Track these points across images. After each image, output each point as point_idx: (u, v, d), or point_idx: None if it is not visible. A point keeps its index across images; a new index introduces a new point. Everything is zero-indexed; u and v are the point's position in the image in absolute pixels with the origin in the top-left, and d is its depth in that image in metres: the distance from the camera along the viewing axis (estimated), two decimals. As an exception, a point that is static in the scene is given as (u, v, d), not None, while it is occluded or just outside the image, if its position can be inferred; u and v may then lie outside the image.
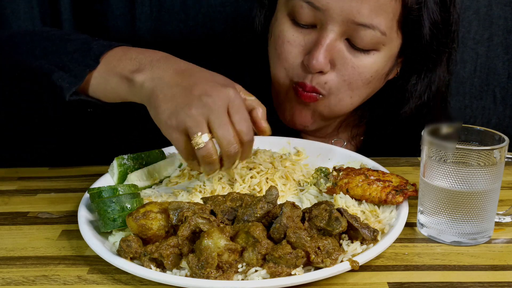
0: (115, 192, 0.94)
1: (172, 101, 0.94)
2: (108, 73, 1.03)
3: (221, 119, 0.92)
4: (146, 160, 1.11)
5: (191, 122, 0.91)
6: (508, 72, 1.74)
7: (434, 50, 1.20)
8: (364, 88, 1.19)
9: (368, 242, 0.86)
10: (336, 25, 1.11)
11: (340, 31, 1.12)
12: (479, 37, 1.71)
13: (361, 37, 1.12)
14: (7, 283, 0.83)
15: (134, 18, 1.60)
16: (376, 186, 0.98)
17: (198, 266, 0.79)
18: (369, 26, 1.10)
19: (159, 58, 1.01)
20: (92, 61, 1.04)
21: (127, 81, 1.01)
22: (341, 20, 1.10)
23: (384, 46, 1.15)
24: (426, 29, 1.16)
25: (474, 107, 1.78)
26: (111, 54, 1.05)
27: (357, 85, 1.17)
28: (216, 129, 0.92)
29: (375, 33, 1.11)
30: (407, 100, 1.26)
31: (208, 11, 1.61)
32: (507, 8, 1.68)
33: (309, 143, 1.21)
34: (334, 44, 1.13)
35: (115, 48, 1.05)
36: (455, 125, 0.96)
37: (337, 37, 1.13)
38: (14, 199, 1.10)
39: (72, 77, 1.03)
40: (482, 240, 0.93)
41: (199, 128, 0.91)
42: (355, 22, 1.10)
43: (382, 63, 1.17)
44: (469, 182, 0.88)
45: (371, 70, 1.16)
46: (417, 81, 1.24)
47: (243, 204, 0.88)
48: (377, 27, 1.11)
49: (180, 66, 1.00)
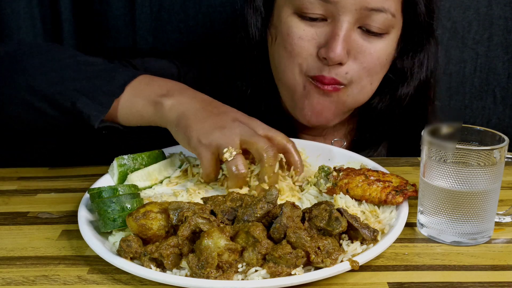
0: (115, 192, 0.94)
1: (205, 122, 1.00)
2: (135, 97, 1.06)
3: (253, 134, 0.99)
4: (146, 161, 1.11)
5: (224, 139, 0.98)
6: (508, 72, 1.74)
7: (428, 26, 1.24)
8: (382, 72, 1.23)
9: (368, 242, 0.86)
10: (349, 15, 1.13)
11: (353, 20, 1.14)
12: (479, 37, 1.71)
13: (374, 22, 1.14)
14: (7, 283, 0.83)
15: (134, 18, 1.60)
16: (376, 186, 0.98)
17: (198, 266, 0.79)
18: (382, 10, 1.13)
19: (185, 88, 1.08)
20: (117, 88, 1.06)
21: (155, 104, 1.05)
22: (354, 9, 1.12)
23: (393, 28, 1.18)
24: (421, 6, 1.20)
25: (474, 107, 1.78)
26: (137, 81, 1.08)
27: (376, 70, 1.20)
28: (249, 139, 0.98)
29: (387, 16, 1.14)
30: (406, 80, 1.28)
31: (208, 11, 1.61)
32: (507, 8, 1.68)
33: (309, 143, 1.21)
34: (349, 34, 1.14)
35: (140, 76, 1.09)
36: (455, 125, 0.96)
37: (351, 27, 1.14)
38: (14, 199, 1.10)
39: (98, 105, 1.05)
40: (482, 240, 0.93)
41: (231, 144, 0.98)
42: (368, 8, 1.12)
43: (393, 45, 1.21)
44: (469, 182, 0.88)
45: (386, 53, 1.20)
46: (413, 59, 1.27)
47: (243, 204, 0.88)
48: (388, 10, 1.14)
49: (206, 97, 1.07)
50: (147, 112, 1.06)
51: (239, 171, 0.98)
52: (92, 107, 1.04)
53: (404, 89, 1.28)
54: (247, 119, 1.03)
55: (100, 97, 1.05)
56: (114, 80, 1.07)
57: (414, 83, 1.28)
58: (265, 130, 1.03)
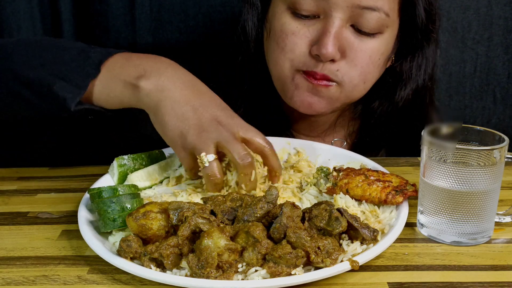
0: (115, 193, 0.94)
1: (182, 121, 0.97)
2: (112, 80, 1.03)
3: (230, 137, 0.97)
4: (146, 161, 1.11)
5: (200, 143, 0.96)
6: (508, 72, 1.74)
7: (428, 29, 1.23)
8: (376, 72, 1.21)
9: (368, 242, 0.86)
10: (341, 12, 1.12)
11: (345, 17, 1.13)
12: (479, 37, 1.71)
13: (367, 21, 1.13)
14: (7, 283, 0.83)
15: (134, 18, 1.60)
16: (376, 186, 0.98)
17: (198, 266, 0.79)
18: (374, 9, 1.12)
19: (165, 66, 1.03)
20: (92, 69, 1.03)
21: (132, 87, 1.01)
22: (345, 6, 1.12)
23: (387, 28, 1.17)
24: (421, 10, 1.19)
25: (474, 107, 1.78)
26: (112, 61, 1.04)
27: (369, 69, 1.19)
28: (226, 145, 0.96)
29: (380, 15, 1.13)
30: (404, 83, 1.28)
31: (208, 11, 1.61)
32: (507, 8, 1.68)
33: (309, 143, 1.21)
34: (341, 31, 1.14)
35: (115, 55, 1.05)
36: (455, 125, 0.96)
37: (343, 24, 1.14)
38: (14, 199, 1.10)
39: (74, 87, 1.02)
40: (482, 240, 0.93)
41: (205, 150, 0.96)
42: (360, 6, 1.12)
43: (387, 45, 1.20)
44: (469, 182, 0.88)
45: (379, 52, 1.18)
46: (411, 62, 1.27)
47: (243, 204, 0.88)
48: (382, 9, 1.13)
49: (187, 79, 1.02)
50: (126, 97, 1.03)
51: (214, 177, 0.97)
52: (68, 90, 1.02)
53: (402, 92, 1.28)
54: (226, 117, 0.99)
55: (76, 79, 1.03)
56: (89, 59, 1.05)
57: (412, 86, 1.28)
58: (243, 131, 1.00)
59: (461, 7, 1.68)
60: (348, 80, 1.18)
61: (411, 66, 1.27)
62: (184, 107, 0.98)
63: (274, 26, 1.21)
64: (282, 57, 1.19)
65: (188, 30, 1.63)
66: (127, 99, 1.03)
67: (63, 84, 1.02)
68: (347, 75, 1.18)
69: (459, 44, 1.72)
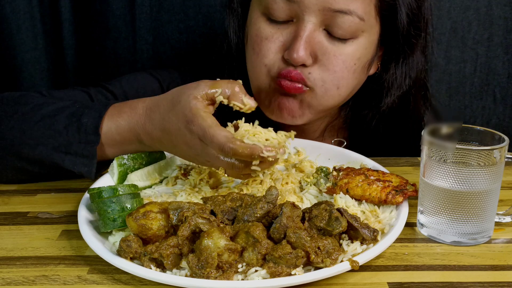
0: (115, 192, 0.94)
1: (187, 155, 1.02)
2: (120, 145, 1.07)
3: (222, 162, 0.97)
4: (146, 160, 1.11)
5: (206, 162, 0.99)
6: (508, 72, 1.74)
7: (411, 36, 1.19)
8: (350, 77, 1.17)
9: (368, 242, 0.86)
10: (313, 15, 1.10)
11: (318, 21, 1.11)
12: (479, 37, 1.71)
13: (340, 25, 1.10)
14: (7, 283, 0.83)
15: (134, 18, 1.61)
16: (376, 186, 0.98)
17: (198, 266, 0.79)
18: (347, 12, 1.09)
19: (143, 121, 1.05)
20: (92, 136, 1.05)
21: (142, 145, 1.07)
22: (317, 9, 1.10)
23: (363, 32, 1.14)
24: (403, 15, 1.16)
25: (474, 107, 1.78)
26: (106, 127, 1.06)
27: (343, 74, 1.15)
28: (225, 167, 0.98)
29: (353, 19, 1.10)
30: (388, 91, 1.25)
31: (208, 11, 1.61)
32: (507, 8, 1.68)
33: (309, 143, 1.21)
34: (313, 35, 1.12)
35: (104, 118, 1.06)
36: (455, 125, 0.96)
37: (315, 28, 1.11)
38: (14, 199, 1.10)
39: (84, 159, 1.05)
40: (482, 240, 0.93)
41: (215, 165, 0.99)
42: (331, 9, 1.09)
43: (363, 50, 1.16)
44: (469, 182, 0.88)
45: (354, 58, 1.15)
46: (396, 69, 1.24)
47: (243, 204, 0.88)
48: (355, 13, 1.10)
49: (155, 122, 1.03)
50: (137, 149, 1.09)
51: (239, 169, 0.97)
52: (79, 164, 1.05)
53: (387, 100, 1.25)
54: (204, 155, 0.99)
55: (81, 150, 1.05)
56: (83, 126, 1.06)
57: (397, 93, 1.25)
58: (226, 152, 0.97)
59: (461, 7, 1.69)
60: (320, 84, 1.15)
61: (395, 73, 1.24)
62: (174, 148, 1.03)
63: (250, 32, 1.19)
64: (258, 62, 1.18)
65: (188, 30, 1.63)
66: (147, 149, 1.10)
67: (72, 159, 1.05)
68: (319, 79, 1.14)
69: (459, 44, 1.72)
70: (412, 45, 1.21)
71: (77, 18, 1.60)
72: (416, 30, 1.20)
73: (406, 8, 1.16)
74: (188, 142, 0.98)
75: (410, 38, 1.20)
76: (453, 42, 1.72)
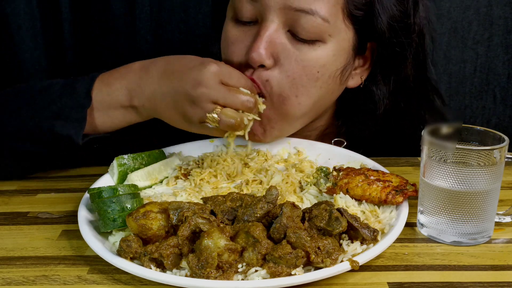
0: (115, 192, 0.94)
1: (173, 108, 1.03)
2: (108, 110, 1.08)
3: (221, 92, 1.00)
4: (146, 160, 1.11)
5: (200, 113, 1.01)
6: (508, 72, 1.74)
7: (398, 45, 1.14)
8: (311, 86, 1.10)
9: (368, 242, 0.86)
10: (275, 15, 1.07)
11: (280, 21, 1.07)
12: (479, 37, 1.71)
13: (302, 25, 1.06)
14: (7, 283, 0.83)
15: (134, 18, 1.61)
16: (376, 186, 0.98)
17: (198, 266, 0.79)
18: (309, 12, 1.05)
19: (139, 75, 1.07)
20: (84, 99, 1.06)
21: (131, 109, 1.08)
22: (278, 8, 1.06)
23: (330, 37, 1.08)
24: (383, 24, 1.10)
25: (474, 107, 1.78)
26: (96, 90, 1.08)
27: (302, 81, 1.09)
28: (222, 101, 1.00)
29: (315, 19, 1.06)
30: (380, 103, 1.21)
31: (208, 11, 1.61)
32: (507, 8, 1.68)
33: (309, 143, 1.21)
34: (275, 35, 1.08)
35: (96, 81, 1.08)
36: (455, 125, 0.96)
37: (278, 28, 1.08)
38: (14, 199, 1.10)
39: (74, 122, 1.05)
40: (482, 240, 0.93)
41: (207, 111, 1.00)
42: (293, 8, 1.06)
43: (329, 57, 1.10)
44: (469, 182, 0.88)
45: (316, 64, 1.09)
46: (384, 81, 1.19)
47: (243, 204, 0.88)
48: (317, 13, 1.05)
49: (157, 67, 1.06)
50: (131, 118, 1.10)
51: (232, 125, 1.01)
52: (69, 127, 1.05)
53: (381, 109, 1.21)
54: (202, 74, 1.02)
55: (73, 114, 1.05)
56: (76, 91, 1.07)
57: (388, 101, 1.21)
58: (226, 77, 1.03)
59: (461, 7, 1.69)
60: (277, 92, 1.09)
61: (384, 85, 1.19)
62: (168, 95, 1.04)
63: (222, 37, 1.17)
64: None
65: (188, 30, 1.63)
66: (133, 119, 1.10)
67: (62, 123, 1.05)
68: (277, 86, 1.09)
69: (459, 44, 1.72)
70: (400, 54, 1.16)
71: (77, 18, 1.60)
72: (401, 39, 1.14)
73: (387, 17, 1.11)
74: (188, 64, 1.03)
75: (396, 47, 1.14)
76: (453, 42, 1.72)
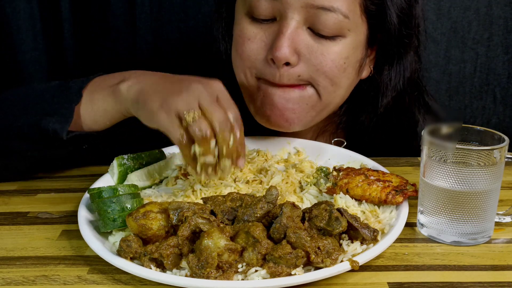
0: (115, 192, 0.94)
1: (161, 92, 0.97)
2: (93, 95, 1.06)
3: (212, 99, 0.94)
4: (146, 160, 1.11)
5: (182, 103, 0.93)
6: (508, 72, 1.74)
7: (404, 36, 1.17)
8: (342, 76, 1.13)
9: (368, 242, 0.86)
10: (296, 13, 1.08)
11: (301, 18, 1.08)
12: (479, 37, 1.71)
13: (324, 22, 1.07)
14: (7, 283, 0.83)
15: (134, 18, 1.61)
16: (376, 186, 0.98)
17: (198, 266, 0.79)
18: (330, 9, 1.07)
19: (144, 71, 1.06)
20: (74, 96, 1.06)
21: (113, 92, 1.04)
22: (299, 6, 1.07)
23: (349, 31, 1.10)
24: (392, 16, 1.13)
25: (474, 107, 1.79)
26: (92, 83, 1.08)
27: (333, 72, 1.11)
28: (207, 106, 0.93)
29: (337, 16, 1.07)
30: (384, 93, 1.23)
31: (208, 11, 1.61)
32: (507, 8, 1.68)
33: (309, 143, 1.21)
34: (297, 32, 1.09)
35: (94, 79, 1.08)
36: (455, 125, 0.96)
37: (298, 25, 1.09)
38: (14, 199, 1.10)
39: (61, 117, 1.05)
40: (482, 240, 0.93)
41: (190, 107, 0.92)
42: (314, 6, 1.06)
43: (350, 50, 1.12)
44: (469, 182, 0.88)
45: (342, 56, 1.11)
46: (390, 71, 1.22)
47: (243, 204, 0.88)
48: (338, 10, 1.07)
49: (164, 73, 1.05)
50: (108, 104, 1.05)
51: (202, 132, 0.91)
52: (55, 122, 1.04)
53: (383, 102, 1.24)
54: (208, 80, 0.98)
55: (61, 110, 1.05)
56: (70, 89, 1.07)
57: (392, 94, 1.23)
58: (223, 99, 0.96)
59: (461, 7, 1.69)
60: (315, 83, 1.11)
61: (389, 75, 1.22)
62: (163, 84, 1.00)
63: (234, 33, 1.17)
64: (241, 64, 1.15)
65: (188, 30, 1.63)
66: (110, 106, 1.05)
67: (49, 119, 1.05)
68: (312, 78, 1.10)
69: (459, 44, 1.72)
70: (404, 45, 1.19)
71: (77, 18, 1.60)
72: (407, 30, 1.17)
73: (396, 9, 1.14)
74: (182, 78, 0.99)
75: (402, 38, 1.18)
76: (453, 42, 1.72)
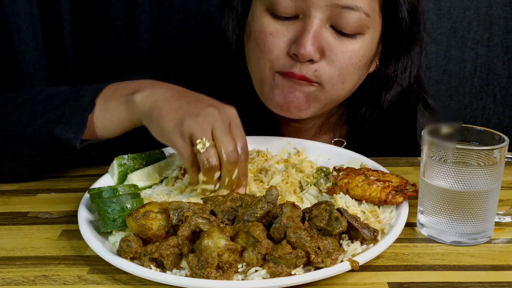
0: (115, 192, 0.94)
1: (178, 111, 0.99)
2: (106, 103, 1.06)
3: (225, 128, 0.97)
4: (146, 160, 1.11)
5: (197, 128, 0.96)
6: (508, 72, 1.74)
7: (413, 32, 1.21)
8: (355, 74, 1.18)
9: (368, 242, 0.86)
10: (320, 11, 1.10)
11: (325, 17, 1.11)
12: (479, 37, 1.71)
13: (346, 21, 1.11)
14: (7, 283, 0.83)
15: (134, 18, 1.61)
16: (376, 186, 0.98)
17: (198, 266, 0.79)
18: (353, 8, 1.10)
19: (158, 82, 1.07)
20: (88, 105, 1.06)
21: (127, 102, 1.05)
22: (324, 6, 1.10)
23: (368, 29, 1.14)
24: (404, 13, 1.17)
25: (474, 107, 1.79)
26: (104, 92, 1.08)
27: (349, 70, 1.15)
28: (219, 135, 0.96)
29: (359, 15, 1.11)
30: (389, 87, 1.26)
31: (208, 11, 1.61)
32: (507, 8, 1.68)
33: (309, 143, 1.21)
34: (320, 31, 1.11)
35: (106, 87, 1.09)
36: (455, 125, 0.96)
37: (322, 24, 1.11)
38: (14, 199, 1.10)
39: (74, 126, 1.05)
40: (482, 240, 0.93)
41: (204, 134, 0.95)
42: (339, 5, 1.09)
43: (368, 47, 1.17)
44: (469, 182, 0.88)
45: (359, 54, 1.15)
46: (396, 66, 1.25)
47: (243, 204, 0.88)
48: (361, 9, 1.10)
49: (180, 88, 1.06)
50: (122, 113, 1.06)
51: (210, 164, 0.95)
52: (68, 130, 1.04)
53: (387, 96, 1.26)
54: (223, 106, 1.01)
55: (74, 118, 1.05)
56: (82, 98, 1.07)
57: (397, 90, 1.26)
58: (235, 127, 1.00)
59: (461, 7, 1.69)
60: (326, 79, 1.15)
61: (396, 69, 1.25)
62: (179, 101, 1.01)
63: (254, 28, 1.18)
64: (262, 58, 1.17)
65: (188, 30, 1.63)
66: (122, 115, 1.06)
67: (62, 127, 1.05)
68: (326, 75, 1.14)
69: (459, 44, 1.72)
70: (413, 40, 1.22)
71: (77, 18, 1.60)
72: (416, 26, 1.20)
73: (407, 5, 1.17)
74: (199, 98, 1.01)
75: (411, 34, 1.21)
76: (453, 42, 1.72)
